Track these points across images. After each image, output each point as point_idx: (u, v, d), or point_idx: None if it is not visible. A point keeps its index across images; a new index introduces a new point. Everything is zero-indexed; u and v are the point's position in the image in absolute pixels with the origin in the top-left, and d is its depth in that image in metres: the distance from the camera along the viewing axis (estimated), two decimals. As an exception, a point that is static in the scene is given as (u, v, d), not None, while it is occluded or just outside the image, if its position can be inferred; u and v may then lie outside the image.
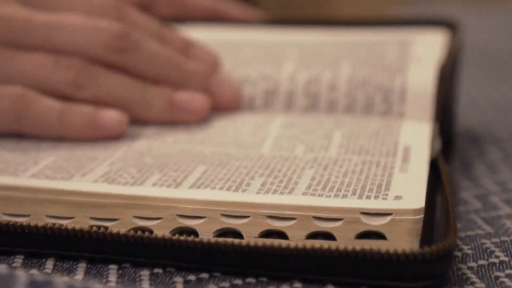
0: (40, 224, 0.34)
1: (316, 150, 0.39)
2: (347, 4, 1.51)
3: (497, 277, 0.33)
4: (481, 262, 0.34)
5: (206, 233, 0.33)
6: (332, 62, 0.47)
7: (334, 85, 0.45)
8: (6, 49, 0.41)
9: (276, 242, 0.32)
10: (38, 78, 0.41)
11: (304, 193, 0.34)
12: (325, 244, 0.32)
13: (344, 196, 0.34)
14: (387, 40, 0.50)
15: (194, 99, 0.43)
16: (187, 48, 0.46)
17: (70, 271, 0.33)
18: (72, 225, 0.34)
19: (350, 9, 1.48)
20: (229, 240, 0.32)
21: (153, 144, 0.40)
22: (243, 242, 0.32)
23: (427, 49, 0.48)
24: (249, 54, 0.49)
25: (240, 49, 0.50)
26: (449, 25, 0.50)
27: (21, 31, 0.41)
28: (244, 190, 0.34)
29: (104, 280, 0.32)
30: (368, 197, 0.33)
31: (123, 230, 0.33)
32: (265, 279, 0.32)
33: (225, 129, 0.42)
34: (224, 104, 0.44)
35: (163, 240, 0.33)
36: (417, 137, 0.40)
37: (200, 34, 0.52)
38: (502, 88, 0.62)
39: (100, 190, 0.35)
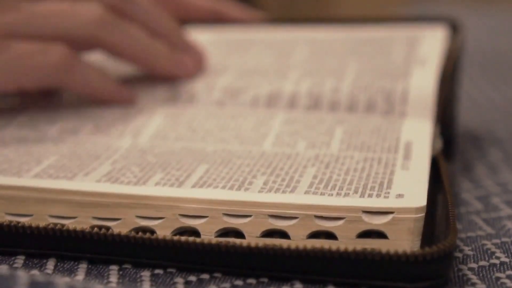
0: (41, 224, 0.34)
1: (317, 146, 0.39)
2: (346, 5, 1.51)
3: (498, 278, 0.33)
4: (482, 263, 0.34)
5: (208, 232, 0.33)
6: (337, 68, 0.47)
7: (337, 88, 0.45)
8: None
9: (277, 242, 0.32)
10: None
11: (306, 192, 0.34)
12: (325, 244, 0.32)
13: (346, 194, 0.34)
14: (395, 37, 0.50)
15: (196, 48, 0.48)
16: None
17: (71, 272, 0.33)
18: (73, 225, 0.34)
19: (350, 10, 1.48)
20: (230, 240, 0.32)
21: (155, 141, 0.40)
22: (244, 242, 0.32)
23: (432, 47, 0.48)
24: (256, 57, 0.49)
25: (247, 51, 0.50)
26: (451, 24, 0.50)
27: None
28: (246, 189, 0.34)
29: (105, 281, 0.32)
30: (370, 196, 0.33)
31: (125, 230, 0.33)
32: (265, 280, 0.32)
33: (226, 125, 0.42)
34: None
35: (164, 241, 0.33)
36: (419, 133, 0.40)
37: (204, 36, 0.52)
38: (503, 89, 0.62)
39: (103, 190, 0.35)
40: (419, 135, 0.40)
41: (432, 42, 0.48)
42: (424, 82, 0.44)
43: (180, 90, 0.46)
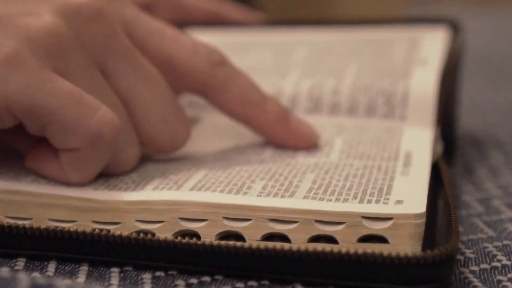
0: (42, 226, 0.34)
1: (317, 156, 0.39)
2: (347, 6, 1.52)
3: (499, 281, 0.33)
4: (483, 266, 0.34)
5: (208, 236, 0.33)
6: (337, 68, 0.47)
7: (337, 90, 0.45)
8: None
9: (278, 245, 0.32)
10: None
11: (305, 197, 0.34)
12: (327, 247, 0.32)
13: (345, 200, 0.34)
14: (395, 37, 0.50)
15: (305, 123, 0.41)
16: None
17: (72, 274, 0.33)
18: (74, 227, 0.34)
19: (350, 11, 1.48)
20: (231, 242, 0.32)
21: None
22: (245, 245, 0.32)
23: (432, 48, 0.48)
24: (256, 57, 0.49)
25: (247, 52, 0.50)
26: (452, 25, 0.50)
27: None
28: (245, 193, 0.34)
29: (106, 283, 0.32)
30: (369, 201, 0.33)
31: (125, 233, 0.33)
32: (267, 282, 0.32)
33: (226, 135, 0.42)
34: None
35: (165, 242, 0.33)
36: (419, 143, 0.40)
37: (204, 37, 0.51)
38: (504, 91, 0.62)
39: (100, 197, 0.35)
40: (419, 144, 0.40)
41: (433, 43, 0.48)
42: (424, 83, 0.44)
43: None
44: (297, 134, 0.40)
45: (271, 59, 0.49)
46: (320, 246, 0.32)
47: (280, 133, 0.40)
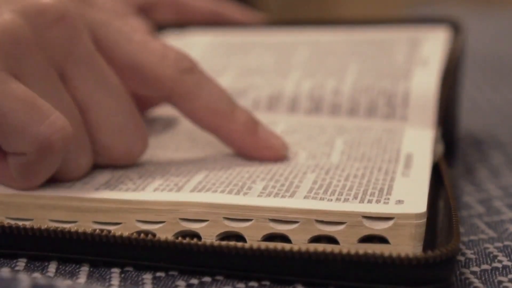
0: (43, 227, 0.34)
1: (318, 157, 0.39)
2: (348, 7, 1.52)
3: (500, 282, 0.33)
4: (484, 266, 0.34)
5: (209, 236, 0.33)
6: (338, 68, 0.47)
7: (338, 90, 0.45)
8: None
9: (278, 245, 0.32)
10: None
11: (305, 197, 0.34)
12: (328, 247, 0.32)
13: (346, 200, 0.34)
14: (396, 37, 0.50)
15: (274, 134, 0.40)
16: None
17: (72, 275, 0.33)
18: (75, 228, 0.34)
19: (351, 12, 1.48)
20: (232, 243, 0.32)
21: (155, 152, 0.40)
22: (246, 245, 0.32)
23: (433, 48, 0.48)
24: (257, 58, 0.49)
25: (248, 53, 0.50)
26: (453, 25, 0.50)
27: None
28: (245, 193, 0.34)
29: (107, 284, 0.32)
30: (369, 201, 0.33)
31: (126, 234, 0.33)
32: (267, 283, 0.32)
33: None
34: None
35: (166, 242, 0.33)
36: (419, 144, 0.40)
37: (205, 38, 0.51)
38: (505, 92, 0.62)
39: (101, 196, 0.35)
40: (420, 145, 0.40)
41: (434, 43, 0.48)
42: (425, 84, 0.44)
43: None
44: (265, 145, 0.39)
45: (271, 60, 0.49)
46: (320, 247, 0.32)
47: (248, 144, 0.39)
